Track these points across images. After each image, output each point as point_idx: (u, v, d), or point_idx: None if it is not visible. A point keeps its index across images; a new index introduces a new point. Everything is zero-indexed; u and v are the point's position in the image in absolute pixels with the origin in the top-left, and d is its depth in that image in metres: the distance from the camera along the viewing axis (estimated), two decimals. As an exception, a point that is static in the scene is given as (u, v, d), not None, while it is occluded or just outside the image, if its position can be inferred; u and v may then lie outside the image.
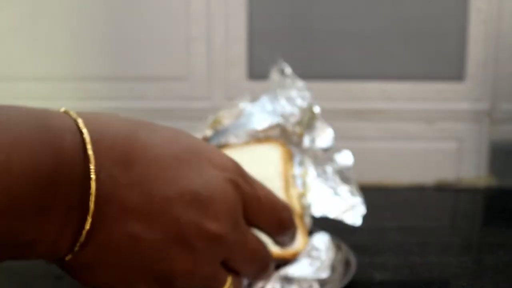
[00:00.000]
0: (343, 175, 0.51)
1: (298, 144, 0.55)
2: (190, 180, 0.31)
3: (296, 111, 0.55)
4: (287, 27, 0.85)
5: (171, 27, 0.85)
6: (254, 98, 0.59)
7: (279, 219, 0.37)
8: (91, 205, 0.28)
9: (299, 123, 0.55)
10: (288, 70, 0.56)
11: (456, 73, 0.85)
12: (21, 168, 0.25)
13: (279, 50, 0.85)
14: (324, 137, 0.54)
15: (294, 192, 0.51)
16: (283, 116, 0.55)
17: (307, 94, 0.55)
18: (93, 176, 0.28)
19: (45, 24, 0.84)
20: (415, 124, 0.87)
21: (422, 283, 0.59)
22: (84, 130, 0.29)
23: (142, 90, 0.86)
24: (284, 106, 0.56)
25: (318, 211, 0.50)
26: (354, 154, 0.56)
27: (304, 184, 0.51)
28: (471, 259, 0.65)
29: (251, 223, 0.35)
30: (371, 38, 0.85)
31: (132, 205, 0.29)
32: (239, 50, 0.85)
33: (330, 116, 0.85)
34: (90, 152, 0.28)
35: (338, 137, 0.58)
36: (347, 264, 0.56)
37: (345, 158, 0.53)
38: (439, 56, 0.85)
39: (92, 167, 0.28)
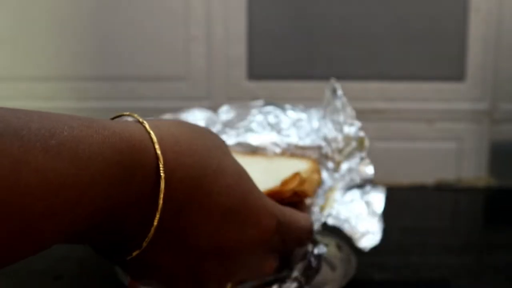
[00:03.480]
0: (371, 204, 0.47)
1: (333, 171, 0.51)
2: (227, 238, 0.33)
3: (340, 138, 0.52)
4: (287, 27, 0.85)
5: (170, 27, 0.85)
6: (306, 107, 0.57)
7: (301, 241, 0.41)
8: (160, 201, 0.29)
9: (340, 151, 0.51)
10: (340, 92, 0.53)
11: (456, 73, 0.85)
12: (93, 209, 0.26)
13: (279, 50, 0.85)
14: (362, 172, 0.49)
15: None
16: (326, 139, 0.52)
17: (356, 123, 0.51)
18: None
19: (45, 24, 0.84)
20: (415, 124, 0.87)
21: (422, 283, 0.59)
22: (162, 172, 0.29)
23: (142, 90, 0.86)
24: (330, 129, 0.53)
25: (333, 221, 0.47)
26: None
27: (326, 199, 0.48)
28: (471, 259, 0.65)
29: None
30: (371, 38, 0.85)
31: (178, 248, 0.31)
32: (239, 50, 0.85)
33: (330, 116, 0.85)
34: (162, 187, 0.29)
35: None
36: (347, 263, 0.56)
37: (367, 170, 0.50)
38: (439, 56, 0.85)
39: (160, 203, 0.29)
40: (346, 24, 0.85)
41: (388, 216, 0.75)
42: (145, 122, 0.29)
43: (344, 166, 0.50)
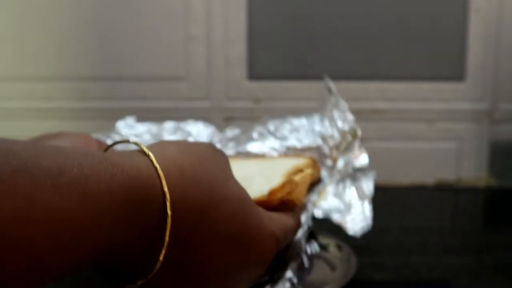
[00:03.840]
0: (361, 188, 0.47)
1: (331, 167, 0.51)
2: (231, 263, 0.34)
3: (336, 134, 0.52)
4: (287, 27, 0.85)
5: (171, 27, 0.85)
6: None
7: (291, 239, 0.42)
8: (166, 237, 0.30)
9: (337, 147, 0.51)
10: (333, 88, 0.53)
11: (456, 73, 0.86)
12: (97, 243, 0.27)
13: (279, 50, 0.85)
14: (357, 162, 0.50)
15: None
16: (323, 137, 0.52)
17: (349, 116, 0.51)
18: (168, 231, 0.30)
19: (45, 24, 0.84)
20: (415, 124, 0.87)
21: (422, 283, 0.59)
22: (168, 209, 0.29)
23: (142, 90, 0.86)
24: (326, 127, 0.53)
25: (323, 213, 0.47)
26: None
27: (319, 194, 0.49)
28: (471, 259, 0.65)
29: None
30: (371, 38, 0.85)
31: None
32: (239, 50, 0.85)
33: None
34: (169, 218, 0.30)
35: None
36: (347, 264, 0.56)
37: (361, 160, 0.50)
38: (439, 56, 0.85)
39: (168, 228, 0.30)
40: (346, 24, 0.85)
41: (388, 216, 0.75)
42: (151, 155, 0.30)
43: (341, 161, 0.50)
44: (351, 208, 0.45)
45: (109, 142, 0.57)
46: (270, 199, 0.40)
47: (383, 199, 0.46)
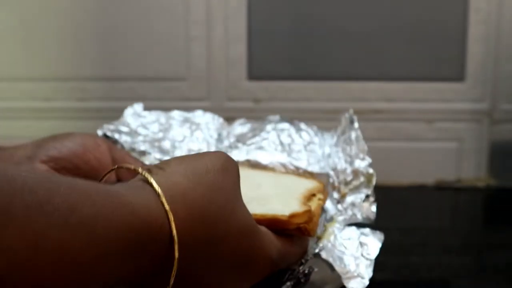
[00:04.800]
0: (366, 247, 0.44)
1: (337, 202, 0.50)
2: (221, 285, 0.34)
3: (349, 170, 0.50)
4: (287, 27, 0.85)
5: (171, 27, 0.85)
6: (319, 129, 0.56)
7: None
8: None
9: (347, 183, 0.50)
10: (356, 124, 0.52)
11: (456, 73, 0.86)
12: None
13: (279, 50, 0.85)
14: (365, 209, 0.48)
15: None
16: (335, 169, 0.51)
17: (367, 158, 0.50)
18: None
19: (45, 24, 0.84)
20: (415, 124, 0.87)
21: (422, 283, 0.59)
22: (176, 252, 0.30)
23: (142, 90, 0.86)
24: (340, 158, 0.52)
25: (326, 255, 0.45)
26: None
27: (325, 230, 0.47)
28: (471, 259, 0.65)
29: None
30: (370, 39, 0.85)
31: None
32: (239, 50, 0.85)
33: (330, 116, 0.85)
34: (176, 255, 0.30)
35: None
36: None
37: (369, 211, 0.48)
38: (439, 56, 0.85)
39: (174, 268, 0.30)
40: (346, 24, 0.85)
41: (388, 216, 0.75)
42: (161, 194, 0.30)
43: (349, 199, 0.49)
44: (353, 262, 0.43)
45: (116, 136, 0.57)
46: (290, 222, 0.40)
47: (383, 199, 0.46)
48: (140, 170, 0.32)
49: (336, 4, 0.84)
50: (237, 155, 0.54)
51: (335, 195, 0.50)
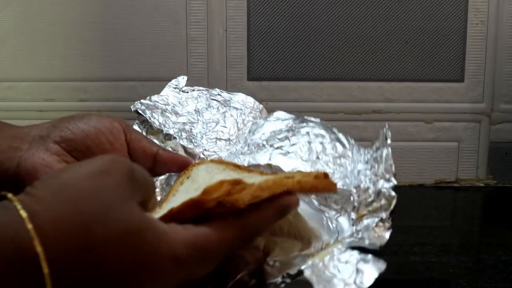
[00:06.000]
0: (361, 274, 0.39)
1: (354, 223, 0.46)
2: None
3: (371, 191, 0.45)
4: (287, 28, 0.85)
5: (171, 27, 0.85)
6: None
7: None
8: None
9: (367, 204, 0.45)
10: (389, 141, 0.48)
11: (456, 74, 0.86)
12: None
13: (279, 50, 0.86)
14: (376, 233, 0.43)
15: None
16: (357, 188, 0.47)
17: (393, 180, 0.45)
18: None
19: (45, 25, 0.85)
20: (415, 124, 0.87)
21: (422, 282, 0.59)
22: (45, 270, 0.30)
23: (143, 90, 0.86)
24: (366, 177, 0.47)
25: (311, 274, 0.39)
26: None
27: (324, 249, 0.43)
28: (470, 259, 0.65)
29: None
30: (370, 40, 0.85)
31: None
32: (239, 50, 0.85)
33: (330, 116, 0.85)
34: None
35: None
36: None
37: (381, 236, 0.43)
38: (438, 57, 0.85)
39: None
40: (346, 25, 0.85)
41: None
42: (23, 215, 0.30)
43: (366, 221, 0.44)
44: None
45: (148, 114, 0.57)
46: (205, 200, 0.36)
47: None
48: (5, 193, 0.32)
49: (336, 5, 0.84)
50: (262, 156, 0.52)
51: (353, 215, 0.47)
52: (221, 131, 0.57)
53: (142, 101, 0.58)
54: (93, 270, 0.31)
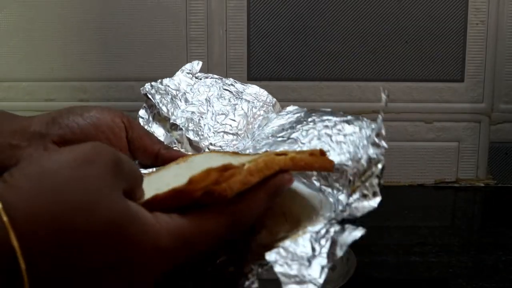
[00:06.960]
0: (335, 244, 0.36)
1: (347, 197, 0.41)
2: None
3: (364, 159, 0.41)
4: (287, 28, 0.85)
5: (171, 27, 0.85)
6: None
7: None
8: None
9: (359, 175, 0.41)
10: (383, 103, 0.45)
11: (456, 74, 0.86)
12: None
13: (279, 50, 0.86)
14: (365, 204, 0.38)
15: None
16: (351, 160, 0.43)
17: (383, 143, 0.41)
18: None
19: (45, 25, 0.85)
20: (415, 124, 0.87)
21: (421, 282, 0.60)
22: (22, 265, 0.29)
23: (142, 90, 0.86)
24: (361, 148, 0.44)
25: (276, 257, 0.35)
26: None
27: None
28: (470, 259, 0.65)
29: None
30: (370, 40, 0.85)
31: None
32: (239, 50, 0.85)
33: (330, 116, 0.85)
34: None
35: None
36: (346, 263, 0.56)
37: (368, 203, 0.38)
38: (438, 57, 0.85)
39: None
40: (346, 25, 0.85)
41: (388, 215, 0.75)
42: (3, 214, 0.29)
43: (356, 195, 0.40)
44: (307, 265, 0.35)
45: (157, 98, 0.55)
46: (190, 190, 0.33)
47: (383, 199, 0.45)
48: None
49: (336, 5, 0.84)
50: (263, 148, 0.50)
51: (344, 190, 0.43)
52: (230, 124, 0.55)
53: (153, 83, 0.57)
54: (73, 264, 0.30)
